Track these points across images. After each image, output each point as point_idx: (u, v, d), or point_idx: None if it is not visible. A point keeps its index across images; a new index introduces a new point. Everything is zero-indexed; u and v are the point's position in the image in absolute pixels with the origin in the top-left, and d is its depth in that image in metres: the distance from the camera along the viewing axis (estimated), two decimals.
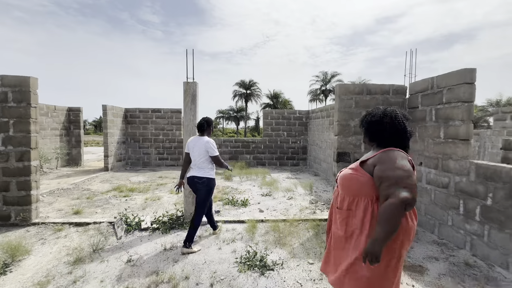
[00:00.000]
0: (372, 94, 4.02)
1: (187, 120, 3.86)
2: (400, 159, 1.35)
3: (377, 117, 1.52)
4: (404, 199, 1.22)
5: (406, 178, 1.28)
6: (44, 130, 8.15)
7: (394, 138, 1.47)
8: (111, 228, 3.69)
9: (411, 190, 1.26)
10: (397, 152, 1.40)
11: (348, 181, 1.48)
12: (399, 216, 1.23)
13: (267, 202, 5.22)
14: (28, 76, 3.75)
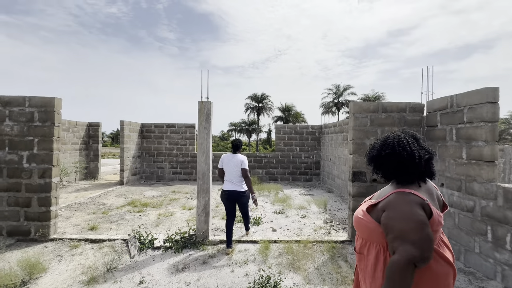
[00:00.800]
0: (388, 112, 3.94)
1: (201, 138, 3.92)
2: (409, 206, 1.15)
3: (376, 150, 1.34)
4: (410, 258, 1.06)
5: (413, 232, 1.10)
6: (65, 144, 8.50)
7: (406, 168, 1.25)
8: (125, 246, 3.71)
9: (420, 245, 1.08)
10: (407, 196, 1.19)
11: (357, 224, 1.32)
12: (406, 277, 1.07)
13: (280, 220, 5.12)
14: (53, 97, 3.96)
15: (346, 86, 35.90)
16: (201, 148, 3.91)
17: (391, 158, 1.27)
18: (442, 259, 1.21)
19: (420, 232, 1.10)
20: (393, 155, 1.26)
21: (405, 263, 1.06)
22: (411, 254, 1.06)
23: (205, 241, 3.81)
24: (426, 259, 1.09)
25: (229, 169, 3.69)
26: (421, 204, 1.17)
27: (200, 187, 3.89)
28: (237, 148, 3.84)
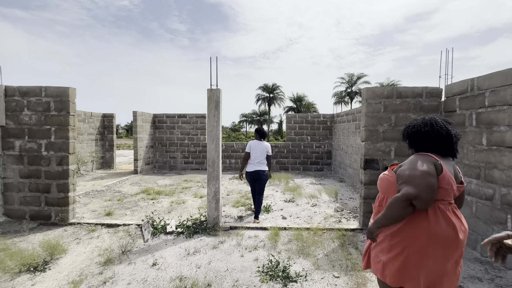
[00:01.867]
0: (403, 98, 3.79)
1: (211, 126, 3.93)
2: (421, 161, 1.41)
3: (415, 127, 1.57)
4: (406, 195, 1.30)
5: (418, 177, 1.34)
6: (81, 135, 8.80)
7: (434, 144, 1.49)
8: (139, 231, 3.84)
9: (418, 187, 1.31)
10: (423, 156, 1.45)
11: (380, 181, 1.62)
12: (399, 209, 1.32)
13: (290, 208, 5.12)
14: (68, 87, 4.07)
15: (360, 75, 34.85)
16: (210, 136, 3.93)
17: (430, 135, 1.49)
18: (444, 219, 1.38)
19: (422, 179, 1.32)
20: (433, 132, 1.48)
21: (402, 198, 1.31)
22: (408, 192, 1.30)
23: (216, 227, 3.87)
24: (422, 200, 1.29)
25: (255, 154, 4.31)
26: (433, 162, 1.40)
27: (210, 175, 3.93)
28: (264, 135, 4.47)
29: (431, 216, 1.38)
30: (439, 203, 1.41)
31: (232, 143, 9.97)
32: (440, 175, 1.39)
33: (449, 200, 1.43)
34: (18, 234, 3.69)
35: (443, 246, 1.36)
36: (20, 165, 4.08)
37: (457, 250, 1.39)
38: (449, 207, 1.43)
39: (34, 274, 2.66)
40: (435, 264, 1.38)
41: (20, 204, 4.11)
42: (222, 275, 2.65)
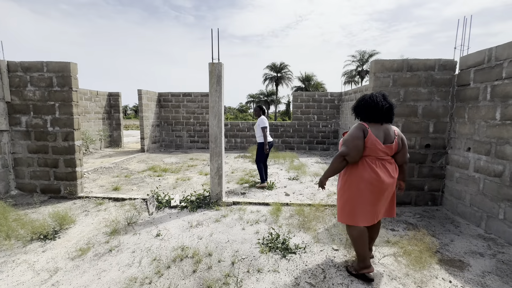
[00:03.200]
0: (414, 71, 3.59)
1: (213, 101, 3.86)
2: (354, 129, 2.01)
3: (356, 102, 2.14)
4: (341, 153, 1.99)
5: (348, 141, 1.98)
6: (88, 113, 8.89)
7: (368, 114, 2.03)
8: (144, 204, 3.94)
9: (348, 147, 1.97)
10: (358, 125, 2.04)
11: (339, 145, 2.16)
12: (337, 163, 2.01)
13: (293, 186, 5.14)
14: (69, 62, 4.02)
15: (372, 52, 33.35)
16: (212, 111, 3.87)
17: (364, 108, 2.04)
18: (369, 168, 1.99)
19: (351, 142, 1.97)
20: (365, 106, 2.03)
21: (339, 155, 1.99)
22: (343, 150, 1.98)
23: (219, 202, 3.94)
24: (350, 156, 1.97)
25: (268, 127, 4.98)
26: (362, 129, 1.99)
27: (212, 151, 3.93)
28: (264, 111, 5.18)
29: (360, 166, 2.02)
30: (366, 157, 2.02)
31: (238, 122, 9.91)
32: (365, 138, 1.97)
33: (376, 155, 2.01)
34: (30, 206, 3.85)
35: (368, 184, 1.98)
36: (28, 141, 4.17)
37: (382, 190, 2.01)
38: (376, 161, 2.01)
39: (44, 242, 2.80)
40: (364, 195, 2.02)
41: (31, 178, 4.25)
42: (223, 246, 2.72)
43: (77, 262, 2.45)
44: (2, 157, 4.08)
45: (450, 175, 3.62)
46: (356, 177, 2.01)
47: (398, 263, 2.42)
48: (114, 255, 2.56)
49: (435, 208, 3.79)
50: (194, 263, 2.40)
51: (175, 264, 2.39)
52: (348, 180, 2.06)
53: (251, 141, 9.81)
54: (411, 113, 3.66)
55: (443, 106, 3.61)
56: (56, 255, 2.56)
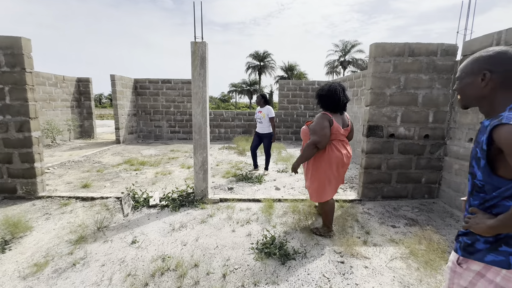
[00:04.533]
0: (415, 56, 3.34)
1: (196, 86, 3.39)
2: (321, 119, 2.33)
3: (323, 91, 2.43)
4: (313, 141, 2.30)
5: (319, 130, 2.30)
6: (54, 101, 7.97)
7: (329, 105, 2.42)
8: (118, 204, 3.47)
9: (319, 136, 2.28)
10: (322, 115, 2.37)
11: (302, 133, 2.62)
12: (309, 150, 2.32)
13: (283, 179, 4.85)
14: (19, 37, 3.35)
15: (355, 43, 33.55)
16: (196, 98, 3.41)
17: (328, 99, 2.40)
18: (336, 149, 2.38)
19: (321, 131, 2.29)
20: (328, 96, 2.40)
21: (311, 143, 2.30)
22: (315, 139, 2.30)
23: (204, 200, 3.55)
24: (321, 144, 2.30)
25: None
26: (328, 119, 2.34)
27: (196, 142, 3.50)
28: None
29: (328, 150, 2.39)
30: (333, 141, 2.40)
31: (222, 111, 9.41)
32: (331, 126, 2.34)
33: (339, 138, 2.42)
34: None
35: (336, 163, 2.39)
36: None
37: (345, 165, 2.46)
38: (339, 142, 2.43)
39: None
40: (332, 173, 2.43)
41: None
42: (211, 254, 2.36)
43: (30, 282, 1.98)
44: None
45: (448, 166, 3.47)
46: (326, 160, 2.39)
47: (408, 266, 2.20)
48: (79, 271, 2.12)
49: (432, 201, 3.66)
50: (178, 277, 2.02)
51: (154, 280, 2.00)
52: (318, 164, 2.42)
53: (235, 131, 9.38)
54: (411, 101, 3.43)
55: (444, 94, 3.41)
56: (3, 274, 2.07)
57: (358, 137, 6.56)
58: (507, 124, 0.81)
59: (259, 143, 5.20)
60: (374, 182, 3.61)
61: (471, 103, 1.01)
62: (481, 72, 0.92)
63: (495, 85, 0.91)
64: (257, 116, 5.07)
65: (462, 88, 1.01)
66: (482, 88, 0.93)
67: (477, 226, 0.92)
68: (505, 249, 0.89)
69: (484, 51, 0.94)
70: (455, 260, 1.04)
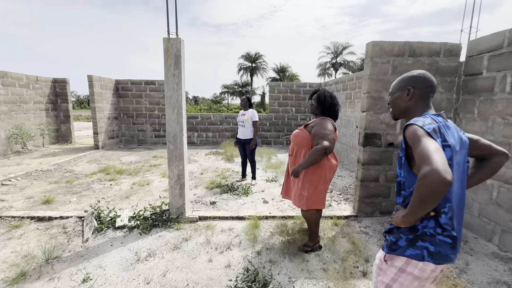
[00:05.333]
0: (417, 56, 3.00)
1: (170, 90, 2.95)
2: (327, 124, 2.26)
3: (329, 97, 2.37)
4: (325, 146, 2.13)
5: (328, 135, 2.19)
6: (25, 103, 7.34)
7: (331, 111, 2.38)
8: (80, 225, 2.98)
9: (329, 141, 2.16)
10: (327, 120, 2.30)
11: (296, 137, 2.38)
12: (319, 156, 2.15)
13: (272, 190, 4.45)
14: None
15: (346, 45, 33.64)
16: (170, 102, 2.98)
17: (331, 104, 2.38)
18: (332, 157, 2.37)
19: (331, 135, 2.20)
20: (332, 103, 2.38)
21: (322, 149, 2.13)
22: (325, 144, 2.14)
23: (181, 218, 3.11)
24: (331, 149, 2.18)
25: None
26: (332, 124, 2.30)
27: (171, 153, 3.06)
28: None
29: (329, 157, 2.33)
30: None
31: (209, 114, 8.95)
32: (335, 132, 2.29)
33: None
34: None
35: (331, 171, 2.34)
36: None
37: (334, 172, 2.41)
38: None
39: None
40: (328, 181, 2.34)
41: None
42: None
43: None
44: None
45: None
46: (324, 167, 2.28)
47: None
48: None
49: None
50: None
51: None
52: (317, 170, 2.27)
53: (224, 135, 8.94)
54: None
55: (447, 99, 3.09)
56: None
57: (352, 142, 6.23)
58: (410, 124, 1.01)
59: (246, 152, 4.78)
60: (372, 196, 3.25)
61: (400, 114, 1.22)
62: (407, 88, 1.16)
63: (416, 98, 1.14)
64: (240, 119, 4.65)
65: (393, 101, 1.22)
66: (407, 101, 1.16)
67: (396, 219, 1.01)
68: (421, 244, 1.01)
69: (408, 73, 1.19)
70: (382, 257, 1.13)
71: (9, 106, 6.84)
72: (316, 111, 2.40)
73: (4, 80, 6.71)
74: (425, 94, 1.13)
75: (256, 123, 4.61)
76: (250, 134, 4.60)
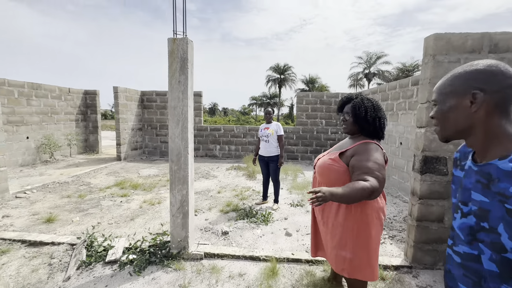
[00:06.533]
0: (501, 53, 2.18)
1: (174, 99, 2.48)
2: (377, 153, 1.49)
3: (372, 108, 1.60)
4: (374, 187, 1.35)
5: (377, 170, 1.42)
6: (56, 114, 7.57)
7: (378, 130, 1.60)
8: (69, 255, 2.57)
9: (381, 182, 1.40)
10: (374, 145, 1.53)
11: (327, 170, 1.59)
12: (361, 197, 1.32)
13: (297, 217, 3.73)
14: None
15: (380, 54, 31.92)
16: (173, 114, 2.49)
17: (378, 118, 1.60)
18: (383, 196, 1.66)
19: (381, 172, 1.43)
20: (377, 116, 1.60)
21: (370, 188, 1.33)
22: (375, 185, 1.35)
23: (183, 254, 2.55)
24: (379, 193, 1.39)
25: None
26: (383, 154, 1.53)
27: (174, 175, 2.54)
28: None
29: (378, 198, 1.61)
30: None
31: (232, 126, 8.53)
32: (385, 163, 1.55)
33: None
34: None
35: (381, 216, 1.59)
36: None
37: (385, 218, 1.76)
38: None
39: None
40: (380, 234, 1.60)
41: None
42: None
43: None
44: None
45: None
46: (371, 214, 1.55)
47: None
48: None
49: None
50: None
51: None
52: (364, 217, 1.54)
53: (247, 148, 8.42)
54: None
55: None
56: None
57: (394, 161, 5.29)
58: None
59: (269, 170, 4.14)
60: (433, 241, 2.39)
61: (456, 134, 0.77)
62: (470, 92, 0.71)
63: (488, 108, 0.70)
64: (262, 134, 4.05)
65: (443, 115, 0.77)
66: (473, 113, 0.72)
67: None
68: None
69: (468, 66, 0.74)
70: None
71: (41, 117, 7.06)
72: (352, 129, 1.65)
73: (38, 92, 6.97)
74: (504, 100, 0.69)
75: (282, 138, 4.01)
76: (275, 150, 3.98)
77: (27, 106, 6.68)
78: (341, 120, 1.70)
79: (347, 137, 1.74)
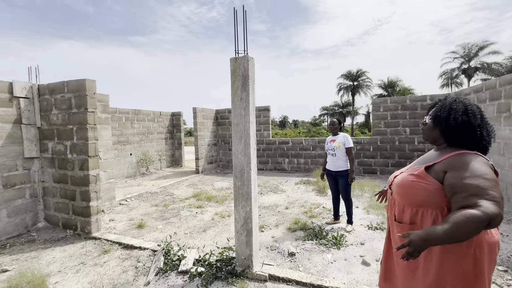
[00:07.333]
0: None
1: (237, 116, 2.53)
2: (479, 164, 1.09)
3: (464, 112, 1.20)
4: (492, 215, 0.95)
5: (490, 189, 1.02)
6: (151, 134, 9.03)
7: (479, 140, 1.19)
8: (151, 260, 2.87)
9: (500, 204, 0.99)
10: (474, 156, 1.14)
11: (410, 190, 1.24)
12: (475, 231, 0.95)
13: (376, 243, 3.20)
14: (84, 79, 3.49)
15: (483, 44, 26.05)
16: (236, 131, 2.54)
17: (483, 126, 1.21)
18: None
19: (496, 190, 1.03)
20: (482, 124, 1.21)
21: (485, 218, 0.94)
22: (493, 211, 0.96)
23: (247, 273, 2.49)
24: (501, 220, 0.98)
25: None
26: (489, 166, 1.12)
27: (237, 191, 2.56)
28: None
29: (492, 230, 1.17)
30: None
31: (301, 139, 8.31)
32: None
33: None
34: (41, 245, 3.32)
35: (494, 253, 1.14)
36: (53, 169, 3.80)
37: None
38: None
39: None
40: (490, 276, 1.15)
41: (55, 210, 3.85)
42: None
43: None
44: (32, 186, 3.80)
45: None
46: (481, 243, 1.11)
47: None
48: None
49: None
50: None
51: None
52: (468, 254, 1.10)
53: (317, 162, 8.00)
54: None
55: None
56: None
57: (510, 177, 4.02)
58: None
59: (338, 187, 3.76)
60: None
61: None
62: None
63: None
64: (328, 147, 3.72)
65: None
66: None
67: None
68: None
69: None
70: None
71: (140, 137, 8.55)
72: (430, 135, 1.32)
73: (138, 117, 8.51)
74: None
75: (351, 150, 3.61)
76: (344, 164, 3.60)
77: (131, 129, 8.21)
78: (421, 124, 1.39)
79: (431, 149, 1.38)
